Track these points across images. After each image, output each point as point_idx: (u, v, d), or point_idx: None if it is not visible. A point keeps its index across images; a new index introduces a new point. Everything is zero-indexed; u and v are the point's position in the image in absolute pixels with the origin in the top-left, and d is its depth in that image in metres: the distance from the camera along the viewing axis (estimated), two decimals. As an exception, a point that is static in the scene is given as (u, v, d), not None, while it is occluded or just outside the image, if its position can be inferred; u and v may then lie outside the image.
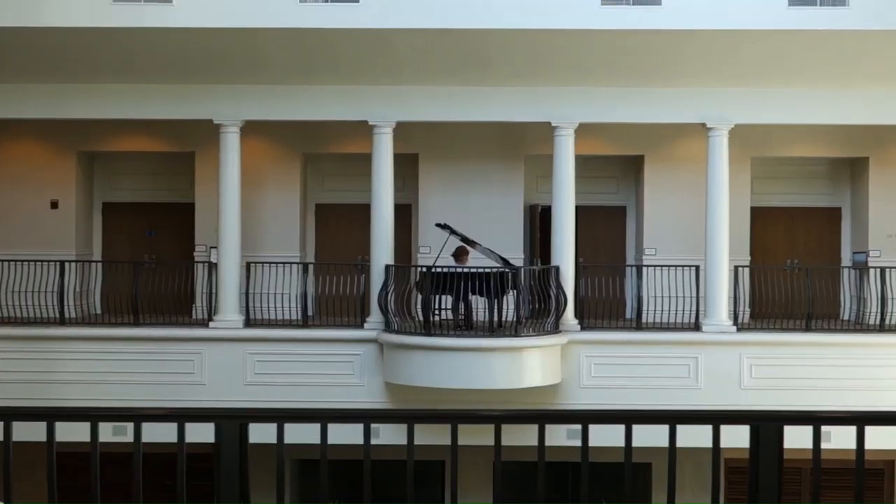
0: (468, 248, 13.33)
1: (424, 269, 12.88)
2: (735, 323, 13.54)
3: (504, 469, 4.49)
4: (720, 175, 13.48)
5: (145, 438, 4.45)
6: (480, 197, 15.37)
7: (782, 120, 13.54)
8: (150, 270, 14.52)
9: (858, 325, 14.11)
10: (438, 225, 13.45)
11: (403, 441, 4.39)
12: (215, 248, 14.08)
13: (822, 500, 4.39)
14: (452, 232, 13.27)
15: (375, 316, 13.44)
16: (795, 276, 14.46)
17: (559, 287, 13.19)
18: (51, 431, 4.41)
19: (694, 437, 5.24)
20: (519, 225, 15.45)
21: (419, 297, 13.06)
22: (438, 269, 12.77)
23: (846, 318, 14.66)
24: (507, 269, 12.95)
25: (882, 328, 13.57)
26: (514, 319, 12.68)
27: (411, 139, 15.00)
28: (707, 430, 4.44)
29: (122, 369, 13.21)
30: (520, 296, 12.70)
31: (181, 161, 15.79)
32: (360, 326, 13.55)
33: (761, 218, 15.64)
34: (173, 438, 4.37)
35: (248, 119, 13.62)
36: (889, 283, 13.71)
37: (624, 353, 13.35)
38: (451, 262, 13.37)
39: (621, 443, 4.45)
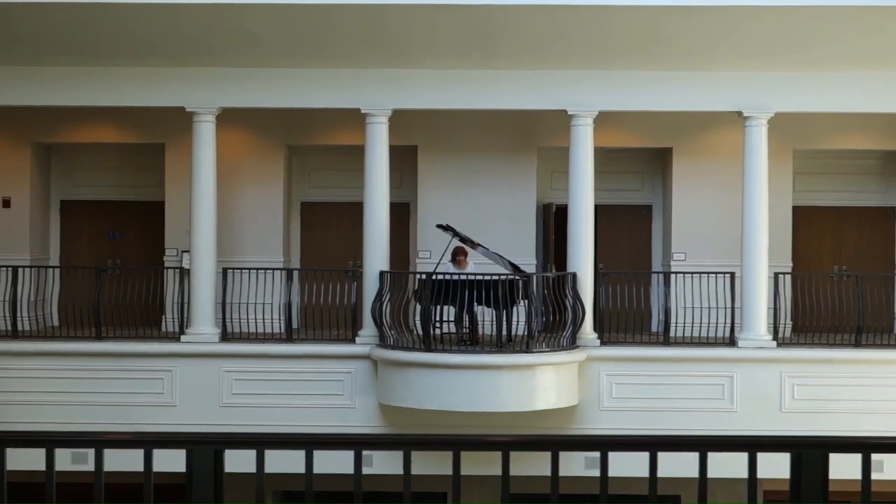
0: (467, 248, 13.40)
1: (424, 277, 12.87)
2: (775, 337, 13.57)
3: (513, 502, 4.47)
4: (758, 170, 13.46)
5: (108, 467, 4.43)
6: (487, 195, 15.43)
7: (829, 108, 13.48)
8: (114, 277, 14.50)
9: (915, 340, 14.24)
10: (440, 226, 13.48)
11: (399, 470, 4.38)
12: (188, 252, 14.12)
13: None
14: (455, 234, 13.30)
15: (368, 329, 13.45)
16: (844, 284, 14.41)
17: (576, 296, 13.20)
18: (0, 458, 4.39)
19: (728, 465, 5.20)
20: (531, 226, 15.50)
21: (418, 307, 13.08)
22: (440, 277, 12.79)
23: (901, 331, 14.74)
24: (516, 276, 12.95)
25: (942, 343, 13.70)
26: (525, 333, 12.70)
27: (409, 129, 14.97)
28: (743, 458, 4.40)
29: (83, 389, 13.22)
30: (531, 306, 12.71)
31: (149, 154, 15.73)
32: (352, 341, 13.58)
33: (805, 218, 15.63)
34: (140, 467, 4.34)
35: (225, 106, 13.63)
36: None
37: (649, 371, 13.36)
38: (454, 268, 13.45)
39: (646, 472, 4.42)
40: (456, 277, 12.82)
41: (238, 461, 4.71)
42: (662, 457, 4.39)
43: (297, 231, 16.06)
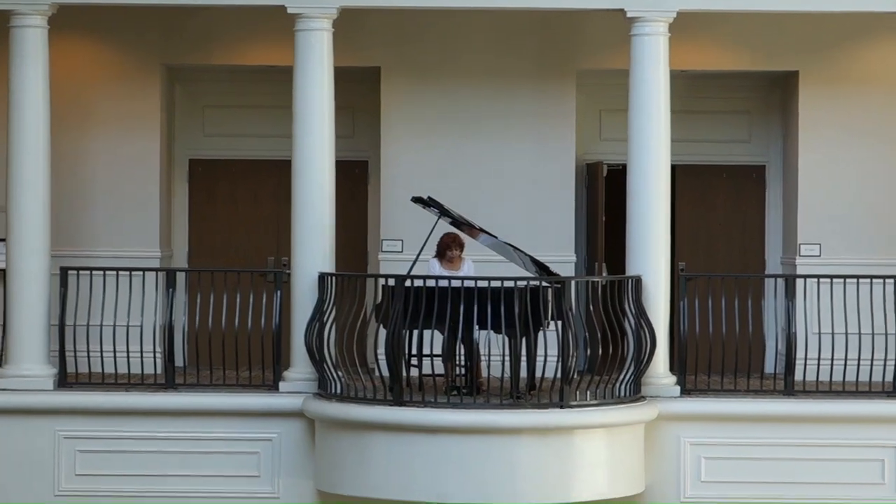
0: (461, 234, 13.57)
1: (393, 282, 12.95)
2: (972, 384, 13.63)
3: None
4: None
5: None
6: (494, 149, 15.62)
7: None
8: None
9: None
10: (417, 200, 13.61)
11: None
12: (2, 241, 14.26)
13: None
14: (442, 212, 13.43)
15: (300, 368, 13.61)
16: None
17: (641, 315, 13.31)
18: None
19: None
20: (566, 200, 15.70)
21: (382, 332, 13.15)
22: (418, 282, 12.85)
23: None
24: (543, 282, 13.01)
25: None
26: (558, 375, 12.74)
27: (368, 42, 15.12)
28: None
29: None
30: (567, 331, 12.79)
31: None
32: (274, 387, 13.74)
33: None
34: None
35: (63, 2, 13.73)
36: None
37: (761, 438, 13.53)
38: (441, 267, 13.51)
39: None
40: (445, 283, 12.83)
41: None
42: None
43: (183, 207, 16.28)
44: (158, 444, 13.54)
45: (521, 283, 12.83)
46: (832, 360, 13.90)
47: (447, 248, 13.44)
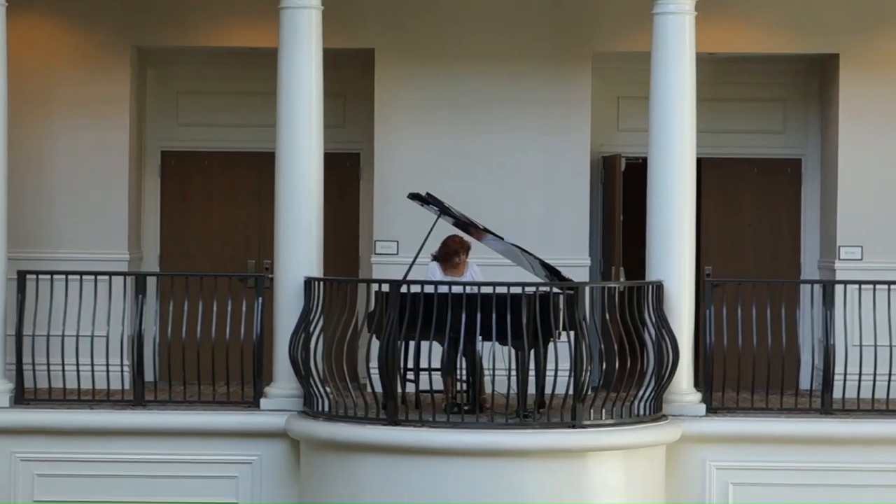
0: (466, 237, 13.49)
1: (387, 288, 12.76)
2: None
3: None
4: None
5: None
6: (500, 141, 15.46)
7: None
8: None
9: None
10: (415, 197, 13.47)
11: None
12: None
13: None
14: (442, 210, 13.31)
15: (284, 383, 13.45)
16: None
17: (662, 325, 13.15)
18: None
19: None
20: (581, 197, 15.57)
21: (375, 344, 12.95)
22: (416, 288, 12.69)
23: None
24: (553, 288, 12.82)
25: None
26: (570, 391, 12.56)
27: (361, 21, 15.15)
28: None
29: None
30: (581, 343, 12.59)
31: None
32: (254, 405, 13.59)
33: None
34: None
35: None
36: None
37: (795, 461, 13.37)
38: (443, 272, 13.40)
39: None
40: (445, 289, 12.69)
41: None
42: None
43: (154, 204, 16.16)
44: (126, 468, 13.41)
45: (530, 290, 12.64)
46: (874, 375, 13.81)
47: (455, 255, 13.32)
